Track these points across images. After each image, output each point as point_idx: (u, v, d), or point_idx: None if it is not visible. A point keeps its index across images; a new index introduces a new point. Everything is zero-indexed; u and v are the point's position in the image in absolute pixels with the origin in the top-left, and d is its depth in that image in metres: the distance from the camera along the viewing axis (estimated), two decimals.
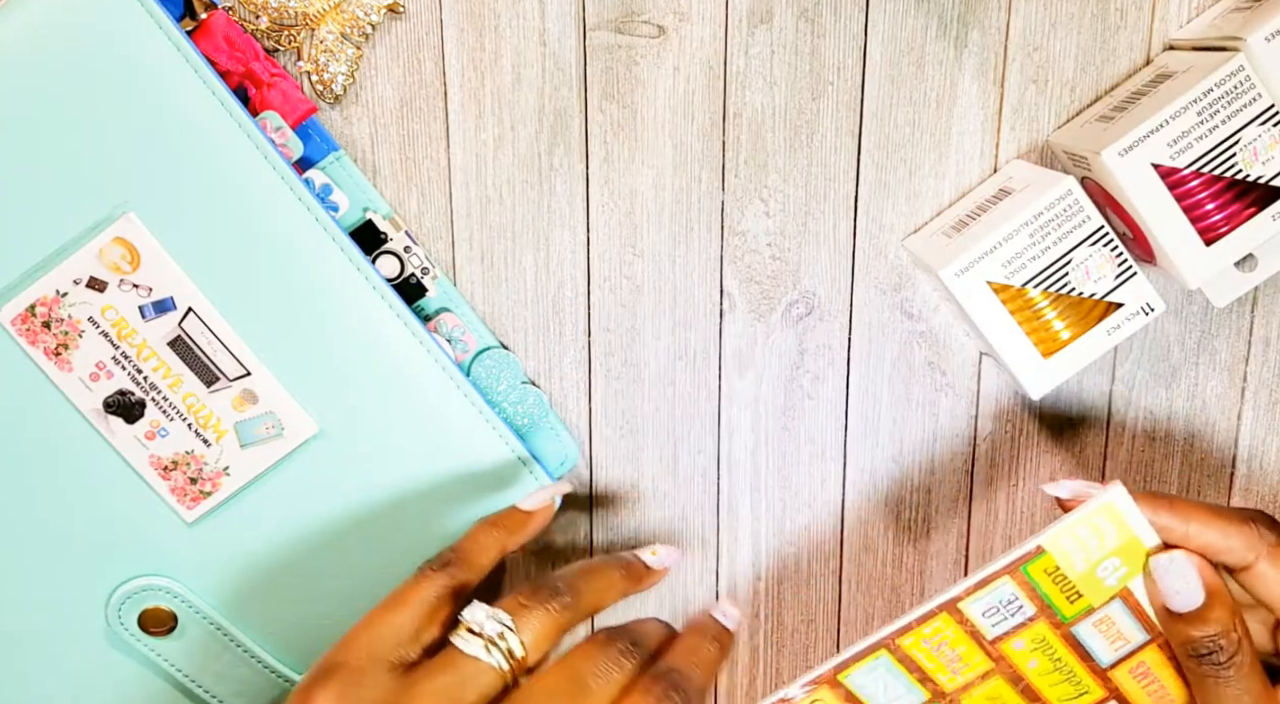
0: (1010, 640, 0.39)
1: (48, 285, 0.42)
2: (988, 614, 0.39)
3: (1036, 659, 0.39)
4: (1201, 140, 0.42)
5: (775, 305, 0.49)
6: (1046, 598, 0.38)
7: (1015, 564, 0.38)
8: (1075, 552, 0.38)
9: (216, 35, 0.43)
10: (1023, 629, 0.39)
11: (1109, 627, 0.39)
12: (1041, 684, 0.40)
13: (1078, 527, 0.37)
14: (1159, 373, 0.50)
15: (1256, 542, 0.37)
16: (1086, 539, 0.38)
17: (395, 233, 0.47)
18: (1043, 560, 0.38)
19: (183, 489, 0.44)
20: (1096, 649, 0.39)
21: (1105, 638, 0.39)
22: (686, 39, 0.46)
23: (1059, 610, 0.39)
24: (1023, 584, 0.38)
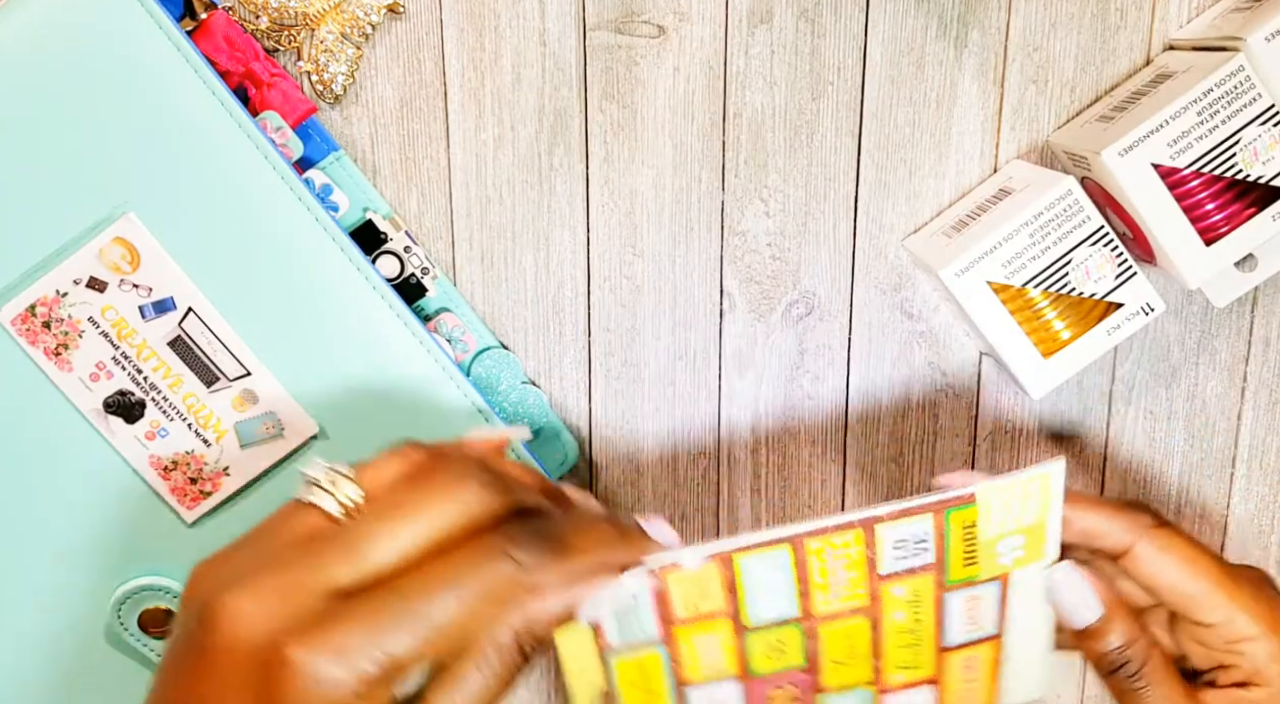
0: (894, 583, 0.39)
1: (48, 285, 0.42)
2: (897, 546, 0.38)
3: (904, 613, 0.39)
4: (1201, 140, 0.42)
5: (775, 305, 0.49)
6: (949, 551, 0.38)
7: (943, 504, 0.37)
8: (996, 514, 0.38)
9: (216, 35, 0.43)
10: (911, 575, 0.38)
11: (975, 607, 0.39)
12: (891, 642, 0.40)
13: (1011, 488, 0.37)
14: (1159, 373, 0.50)
15: (1134, 524, 0.37)
16: (1010, 505, 0.38)
17: (395, 233, 0.47)
18: (967, 511, 0.38)
19: (183, 489, 0.44)
20: (953, 626, 0.39)
21: (967, 617, 0.39)
22: (686, 39, 0.46)
23: (950, 569, 0.38)
24: (938, 528, 0.38)
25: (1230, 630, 0.36)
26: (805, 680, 0.40)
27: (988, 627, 0.40)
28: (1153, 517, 0.38)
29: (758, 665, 0.39)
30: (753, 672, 0.39)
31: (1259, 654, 0.36)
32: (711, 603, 0.38)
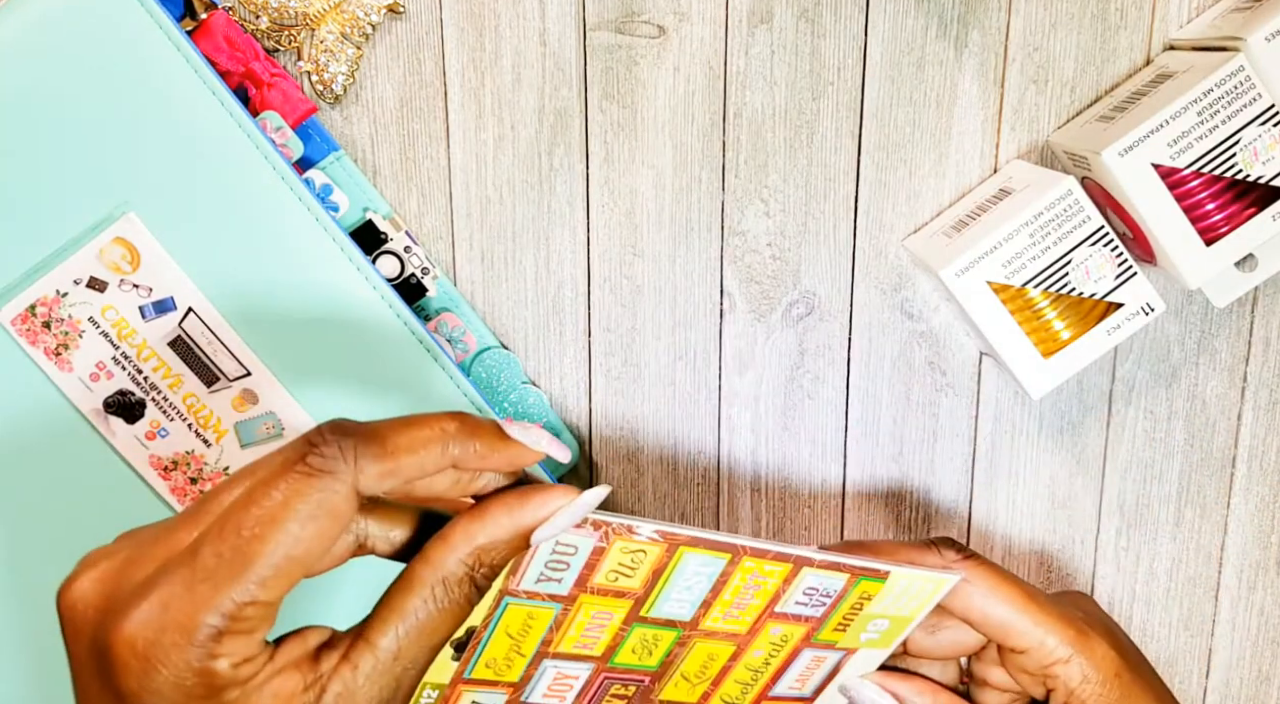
0: (777, 623, 0.39)
1: (48, 285, 0.42)
2: (807, 592, 0.38)
3: (763, 651, 0.39)
4: (1202, 140, 0.42)
5: (775, 305, 0.49)
6: (836, 612, 0.39)
7: (862, 571, 0.38)
8: (890, 597, 0.39)
9: (216, 35, 0.43)
10: (795, 621, 0.39)
11: (814, 667, 0.40)
12: (735, 675, 0.40)
13: (915, 580, 0.38)
14: (1159, 373, 0.50)
15: (940, 561, 0.39)
16: (905, 593, 0.39)
17: (395, 233, 0.47)
18: (874, 584, 0.38)
19: (183, 489, 0.44)
20: (788, 677, 0.40)
21: (801, 674, 0.40)
22: (686, 39, 0.46)
23: (825, 628, 0.39)
24: (845, 589, 0.38)
25: (1042, 654, 0.37)
26: (644, 685, 0.39)
27: (807, 690, 0.41)
28: (956, 550, 0.39)
29: (621, 657, 0.38)
30: (613, 662, 0.38)
31: (1072, 676, 0.37)
32: (631, 581, 0.36)
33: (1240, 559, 0.52)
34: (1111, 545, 0.52)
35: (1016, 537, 0.51)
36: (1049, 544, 0.51)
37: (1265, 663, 0.53)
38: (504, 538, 0.32)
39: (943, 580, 0.39)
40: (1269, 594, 0.52)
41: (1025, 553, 0.51)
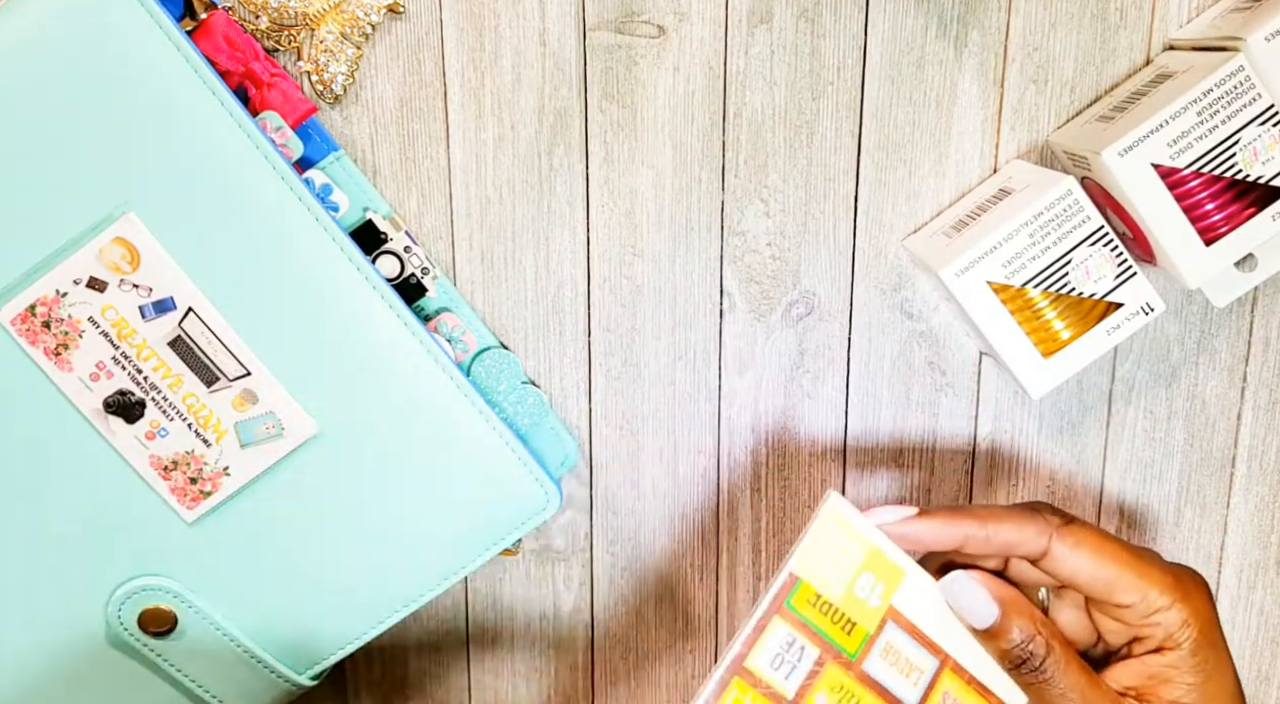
0: (811, 695, 0.38)
1: (48, 285, 0.42)
2: (775, 665, 0.38)
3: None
4: (1201, 140, 0.42)
5: (775, 305, 0.49)
6: (823, 634, 0.38)
7: (778, 600, 0.38)
8: (828, 574, 0.38)
9: (216, 35, 0.43)
10: (817, 678, 0.38)
11: (896, 657, 0.39)
12: None
13: (816, 546, 0.38)
14: (1159, 373, 0.50)
15: (1045, 526, 0.39)
16: (832, 557, 0.38)
17: (395, 233, 0.47)
18: (801, 590, 0.38)
19: (183, 489, 0.44)
20: (896, 687, 0.39)
21: (899, 671, 0.39)
22: (686, 39, 0.46)
23: (841, 646, 0.38)
24: (795, 623, 0.38)
25: (1145, 606, 0.39)
26: None
27: (926, 665, 0.40)
28: (1060, 515, 0.40)
29: None
30: None
31: (1172, 621, 0.39)
32: None
33: (1240, 559, 0.52)
34: None
35: None
36: None
37: (1265, 662, 0.53)
38: None
39: (830, 511, 0.38)
40: (1268, 594, 0.52)
41: None
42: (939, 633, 0.39)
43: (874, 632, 0.39)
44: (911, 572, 0.39)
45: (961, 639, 0.40)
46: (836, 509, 0.38)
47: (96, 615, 0.45)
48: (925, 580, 0.39)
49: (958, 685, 0.39)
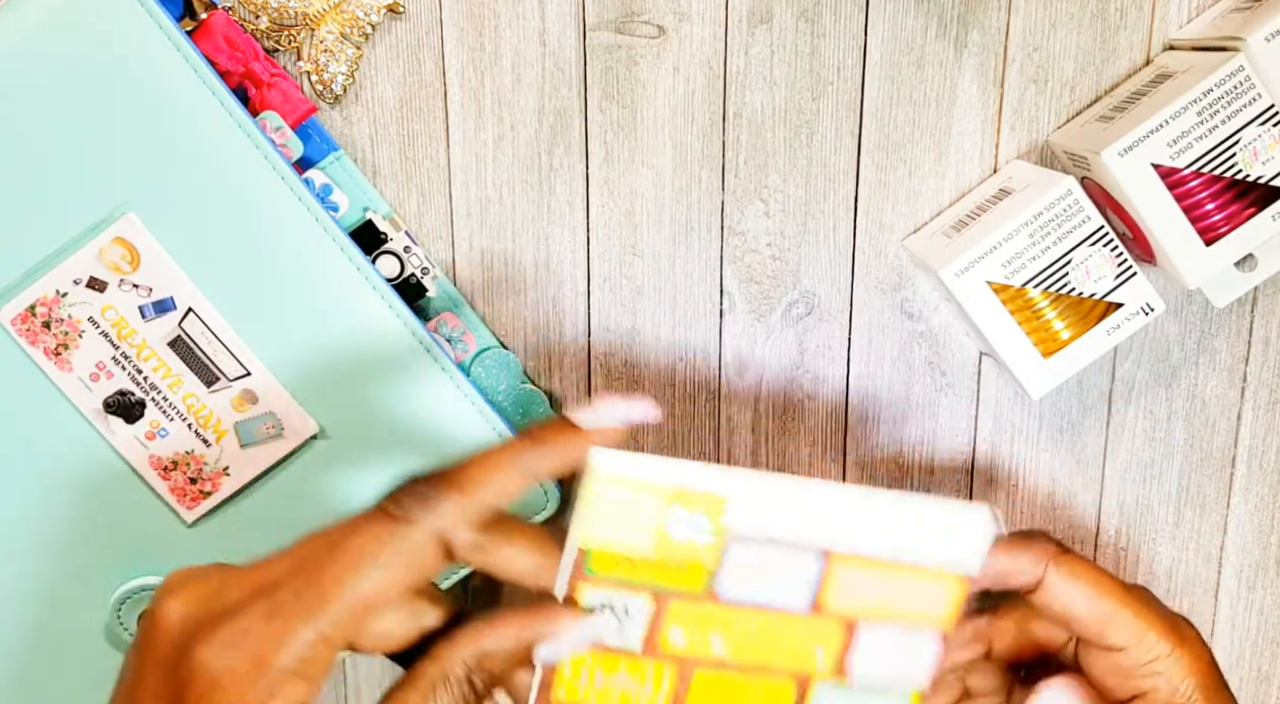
0: (663, 634, 0.35)
1: (48, 285, 0.42)
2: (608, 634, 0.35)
3: (721, 637, 0.35)
4: (1201, 140, 0.42)
5: (775, 305, 0.49)
6: (648, 583, 0.34)
7: (575, 576, 0.34)
8: (624, 533, 0.34)
9: (216, 35, 0.43)
10: (663, 617, 0.35)
11: (757, 570, 0.35)
12: (755, 653, 0.35)
13: (597, 512, 0.34)
14: (1159, 373, 0.50)
15: (1041, 555, 0.37)
16: (623, 516, 0.34)
17: (395, 233, 0.47)
18: (596, 557, 0.34)
19: (183, 489, 0.44)
20: (771, 597, 0.35)
21: (766, 581, 0.35)
22: (686, 39, 0.46)
23: (676, 587, 0.35)
24: (607, 583, 0.34)
25: (1142, 651, 0.36)
26: None
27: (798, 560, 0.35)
28: (1055, 545, 0.37)
29: None
30: None
31: (1174, 672, 0.36)
32: None
33: (1240, 559, 0.52)
34: (1111, 546, 0.51)
35: None
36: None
37: (1265, 663, 0.53)
38: (507, 645, 0.33)
39: (594, 469, 0.33)
40: (1269, 594, 0.52)
41: None
42: (805, 529, 0.35)
43: (714, 564, 0.35)
44: (737, 489, 0.34)
45: (852, 523, 0.35)
46: (603, 466, 0.33)
47: (96, 615, 0.45)
48: (759, 487, 0.34)
49: (857, 564, 0.35)
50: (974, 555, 0.35)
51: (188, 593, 0.31)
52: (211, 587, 0.31)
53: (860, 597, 0.35)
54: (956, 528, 0.35)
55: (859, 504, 0.34)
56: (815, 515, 0.34)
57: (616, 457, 0.33)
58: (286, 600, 0.29)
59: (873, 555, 0.35)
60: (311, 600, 0.29)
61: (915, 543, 0.35)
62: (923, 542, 0.35)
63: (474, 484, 0.31)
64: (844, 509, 0.34)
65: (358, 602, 0.30)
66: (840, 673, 0.36)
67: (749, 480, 0.34)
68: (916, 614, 0.36)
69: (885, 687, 0.36)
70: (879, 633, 0.36)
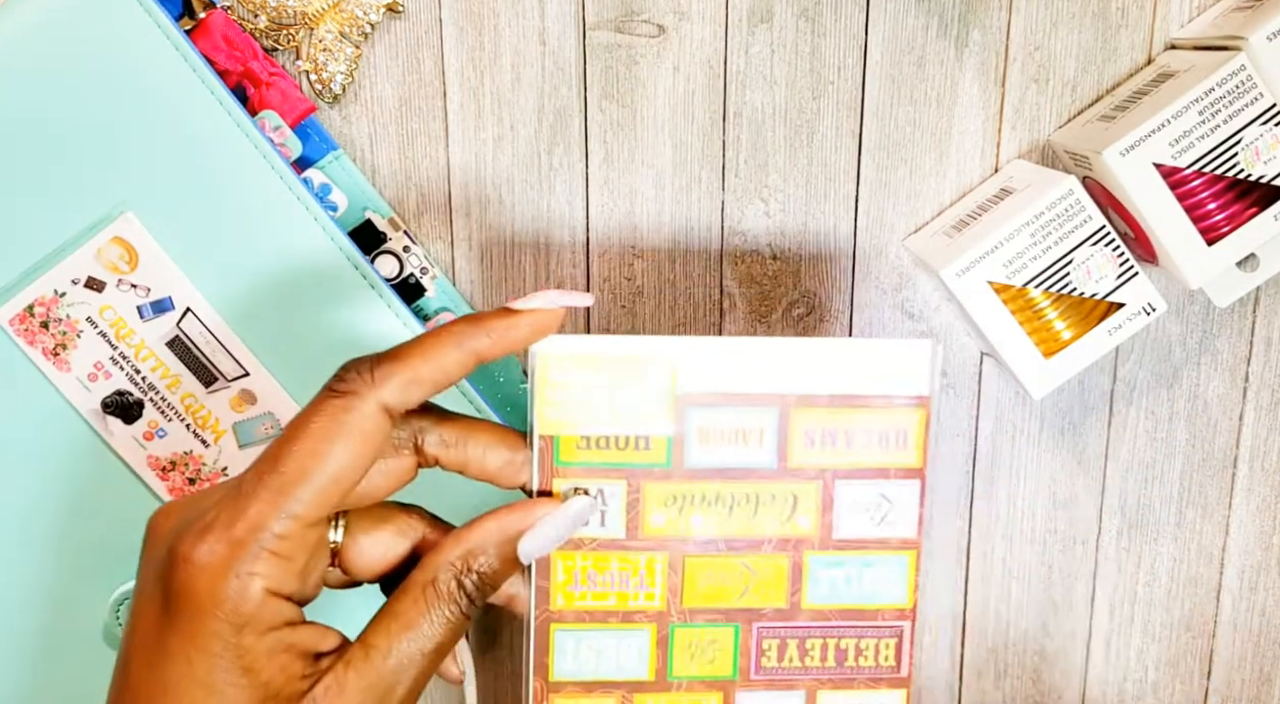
0: (645, 521, 0.35)
1: (46, 285, 0.42)
2: (584, 526, 0.35)
3: (701, 515, 0.35)
4: (1203, 140, 0.41)
5: (775, 305, 0.49)
6: (616, 465, 0.35)
7: (545, 467, 0.34)
8: (581, 413, 0.34)
9: (215, 34, 0.43)
10: (640, 505, 0.35)
11: (719, 434, 0.35)
12: (739, 528, 0.35)
13: (551, 397, 0.34)
14: (1160, 373, 0.50)
15: None
16: (576, 394, 0.34)
17: (394, 232, 0.46)
18: (562, 444, 0.34)
19: (181, 489, 0.44)
20: (739, 459, 0.35)
21: (731, 442, 0.35)
22: (686, 39, 0.46)
23: (645, 463, 0.35)
24: (576, 474, 0.35)
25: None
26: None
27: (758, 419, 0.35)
28: None
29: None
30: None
31: None
32: None
33: (1242, 560, 0.52)
34: (1113, 546, 0.51)
35: (1017, 537, 0.51)
36: (1050, 544, 0.51)
37: (1266, 663, 0.53)
38: (491, 542, 0.34)
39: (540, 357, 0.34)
40: (1270, 595, 0.52)
41: (1026, 553, 0.51)
42: (757, 383, 0.35)
43: (675, 430, 0.35)
44: (682, 350, 0.34)
45: (802, 371, 0.35)
46: (547, 349, 0.34)
47: (96, 615, 0.45)
48: (703, 345, 0.35)
49: (816, 413, 0.35)
50: (924, 379, 0.35)
51: (176, 506, 0.33)
52: (196, 496, 0.33)
53: (827, 446, 0.35)
54: (903, 358, 0.35)
55: (804, 351, 0.35)
56: (764, 368, 0.35)
57: (559, 340, 0.34)
58: (252, 487, 0.31)
59: (829, 399, 0.35)
60: (275, 483, 0.31)
61: (866, 379, 0.35)
62: (873, 377, 0.35)
63: (413, 356, 0.32)
64: (791, 357, 0.35)
65: (320, 477, 0.31)
66: (828, 540, 0.36)
67: (693, 343, 0.35)
68: (887, 456, 0.36)
69: (878, 546, 0.36)
70: (856, 489, 0.36)
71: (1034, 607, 0.52)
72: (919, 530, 0.36)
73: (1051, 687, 0.52)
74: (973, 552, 0.52)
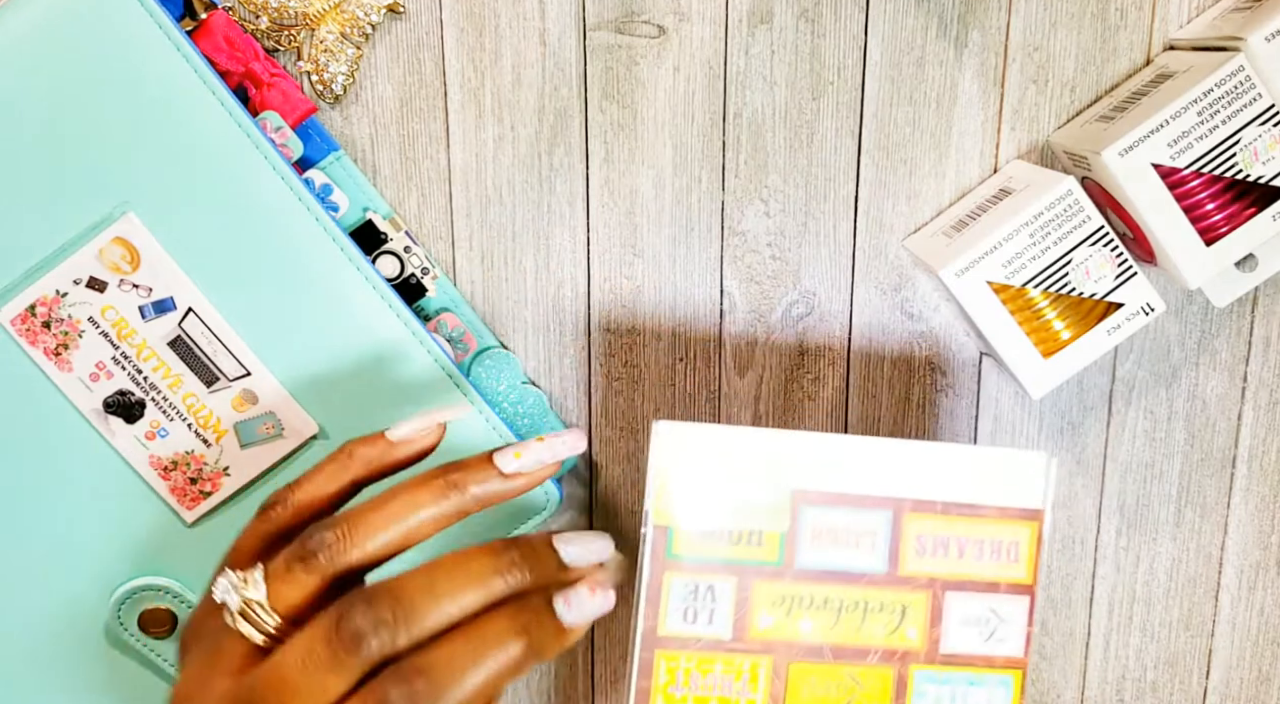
0: (753, 623, 0.35)
1: (48, 285, 0.42)
2: (689, 619, 0.34)
3: (809, 620, 0.35)
4: (1202, 140, 0.42)
5: (775, 305, 0.49)
6: (729, 561, 0.34)
7: (657, 558, 0.34)
8: (700, 503, 0.34)
9: (216, 35, 0.43)
10: (749, 605, 0.34)
11: (832, 534, 0.35)
12: (846, 635, 0.35)
13: (668, 483, 0.34)
14: (1159, 373, 0.50)
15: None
16: (694, 484, 0.34)
17: (395, 233, 0.47)
18: (675, 538, 0.34)
19: (182, 489, 0.44)
20: (851, 562, 0.35)
21: (844, 545, 0.35)
22: (686, 39, 0.46)
23: (758, 561, 0.34)
24: (689, 569, 0.34)
25: None
26: None
27: (870, 521, 0.35)
28: None
29: None
30: None
31: None
32: None
33: (1240, 559, 0.52)
34: (1112, 545, 0.51)
35: None
36: (1049, 544, 0.51)
37: (1265, 663, 0.53)
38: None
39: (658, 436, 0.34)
40: (1269, 594, 0.52)
41: None
42: (872, 484, 0.35)
43: (788, 527, 0.35)
44: (799, 445, 0.35)
45: (917, 476, 0.35)
46: (669, 433, 0.34)
47: (96, 615, 0.45)
48: (821, 442, 0.35)
49: (929, 520, 0.35)
50: (1038, 492, 0.35)
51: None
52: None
53: (938, 554, 0.35)
54: (1018, 468, 0.35)
55: (921, 454, 0.35)
56: (880, 471, 0.35)
57: (681, 427, 0.34)
58: None
59: (942, 506, 0.35)
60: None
61: (980, 488, 0.35)
62: (987, 486, 0.35)
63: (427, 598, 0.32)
64: (907, 462, 0.35)
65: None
66: (935, 654, 0.35)
67: (811, 439, 0.34)
68: (998, 569, 0.35)
69: (985, 664, 0.35)
70: (966, 602, 0.35)
71: None
72: (1026, 649, 0.36)
73: (1051, 686, 0.53)
74: None
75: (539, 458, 0.34)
